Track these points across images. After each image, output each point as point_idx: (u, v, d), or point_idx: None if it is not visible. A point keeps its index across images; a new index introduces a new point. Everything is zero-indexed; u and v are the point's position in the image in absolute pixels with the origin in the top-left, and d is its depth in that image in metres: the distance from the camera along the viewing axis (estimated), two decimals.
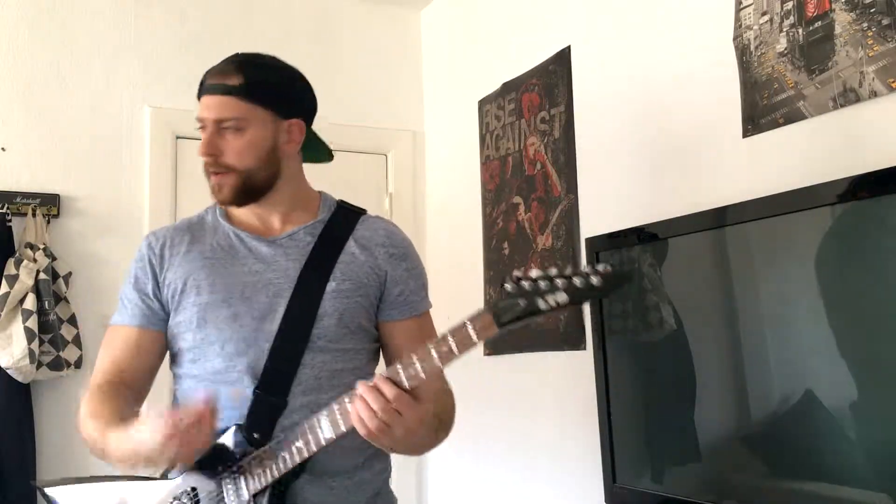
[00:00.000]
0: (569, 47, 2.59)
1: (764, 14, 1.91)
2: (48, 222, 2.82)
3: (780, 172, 1.84)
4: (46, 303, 2.69)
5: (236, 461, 1.50)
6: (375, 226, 1.72)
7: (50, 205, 2.83)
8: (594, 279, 1.19)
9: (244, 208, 1.67)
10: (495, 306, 1.26)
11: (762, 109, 1.91)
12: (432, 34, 3.46)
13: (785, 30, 1.86)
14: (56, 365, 2.71)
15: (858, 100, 1.69)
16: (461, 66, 3.24)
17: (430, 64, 3.47)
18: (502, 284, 1.25)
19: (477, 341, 1.29)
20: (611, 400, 2.08)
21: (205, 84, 1.62)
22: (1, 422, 2.65)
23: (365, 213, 1.75)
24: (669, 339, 1.98)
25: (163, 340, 1.66)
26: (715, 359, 1.88)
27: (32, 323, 2.65)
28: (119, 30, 3.04)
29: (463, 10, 3.25)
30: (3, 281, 2.67)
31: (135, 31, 3.06)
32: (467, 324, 1.29)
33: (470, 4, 3.21)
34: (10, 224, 2.76)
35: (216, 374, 1.58)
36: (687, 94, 2.14)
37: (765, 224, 1.72)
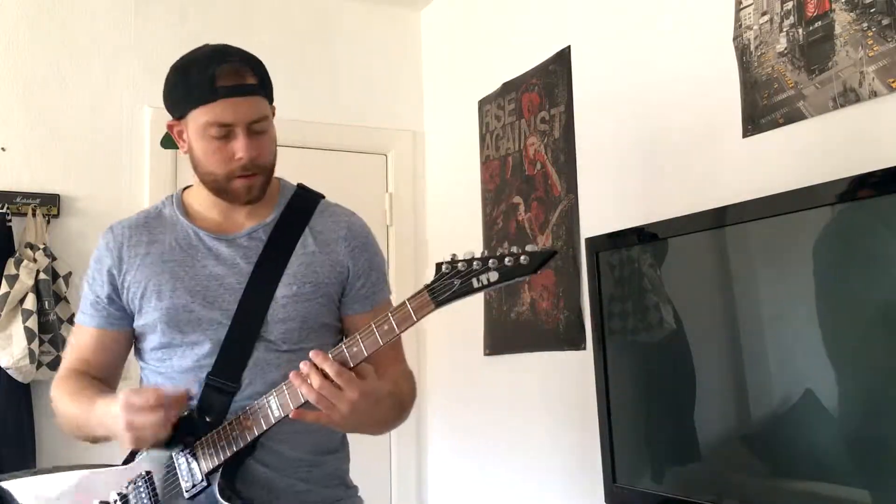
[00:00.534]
0: (569, 47, 2.59)
1: (764, 14, 1.91)
2: (48, 222, 2.82)
3: (780, 172, 1.84)
4: (46, 303, 2.70)
5: (189, 443, 1.52)
6: (334, 217, 1.71)
7: (50, 205, 2.83)
8: (523, 259, 1.29)
9: (205, 203, 1.67)
10: (432, 286, 1.33)
11: (762, 109, 1.91)
12: (432, 34, 3.46)
13: (785, 30, 1.86)
14: (56, 365, 2.70)
15: (858, 100, 1.69)
16: (461, 66, 3.24)
17: (430, 64, 3.47)
18: (439, 266, 1.33)
19: (416, 319, 1.35)
20: (611, 400, 2.08)
21: (221, 86, 1.53)
22: (1, 422, 2.65)
23: (323, 199, 1.74)
24: (669, 339, 1.98)
25: (126, 336, 1.68)
26: (715, 359, 1.88)
27: (32, 323, 2.65)
28: (119, 30, 3.04)
29: (463, 10, 3.25)
30: (3, 281, 2.67)
31: (135, 31, 3.06)
32: (406, 303, 1.35)
33: (470, 4, 3.21)
34: (10, 224, 2.76)
35: (183, 374, 1.60)
36: (687, 95, 2.14)
37: (765, 224, 1.72)
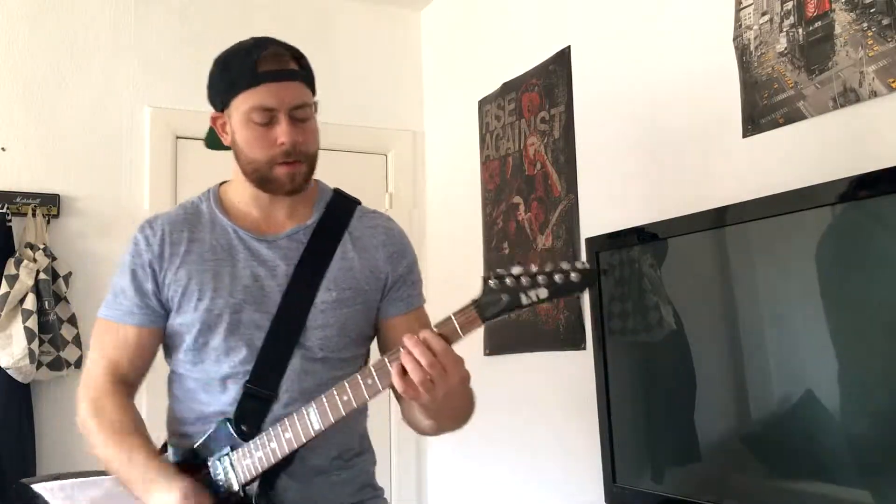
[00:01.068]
0: (569, 47, 2.59)
1: (764, 14, 1.91)
2: (48, 222, 2.82)
3: (780, 172, 1.84)
4: (46, 303, 2.70)
5: (225, 454, 1.50)
6: (373, 222, 1.69)
7: (50, 205, 2.83)
8: (573, 276, 1.27)
9: (245, 199, 1.63)
10: (478, 301, 1.31)
11: (762, 109, 1.91)
12: (432, 34, 3.46)
13: (785, 30, 1.86)
14: (56, 365, 2.71)
15: (858, 100, 1.69)
16: (461, 66, 3.24)
17: (430, 64, 3.47)
18: (486, 280, 1.31)
19: (462, 335, 1.32)
20: (611, 400, 2.08)
21: (264, 71, 1.52)
22: (1, 422, 2.65)
23: (360, 205, 1.72)
24: (669, 339, 1.98)
25: (161, 336, 1.63)
26: (715, 359, 1.88)
27: (32, 323, 2.65)
28: (119, 30, 3.04)
29: (463, 10, 3.25)
30: (3, 281, 2.67)
31: (135, 31, 3.06)
32: (452, 318, 1.32)
33: (470, 4, 3.21)
34: (10, 224, 2.76)
35: (220, 379, 1.57)
36: (687, 95, 2.14)
37: (765, 224, 1.72)
